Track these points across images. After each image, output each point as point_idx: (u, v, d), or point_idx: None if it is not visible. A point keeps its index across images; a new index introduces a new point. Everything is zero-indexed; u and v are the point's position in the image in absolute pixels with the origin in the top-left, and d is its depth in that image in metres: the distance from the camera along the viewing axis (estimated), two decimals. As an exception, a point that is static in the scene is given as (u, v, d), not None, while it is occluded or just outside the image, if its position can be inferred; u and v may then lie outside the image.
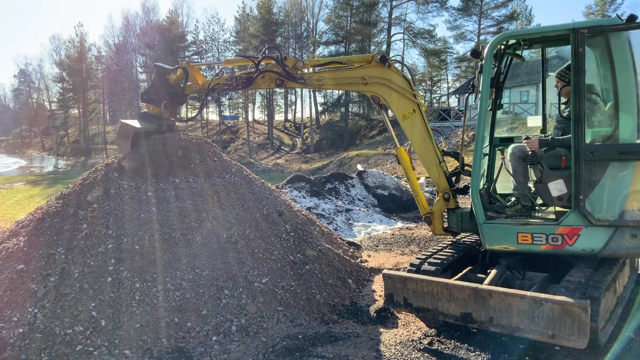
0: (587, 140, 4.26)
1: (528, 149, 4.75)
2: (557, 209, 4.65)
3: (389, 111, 5.65)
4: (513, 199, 5.02)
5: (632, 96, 4.29)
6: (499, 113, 5.69)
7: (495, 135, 5.77)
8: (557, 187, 4.55)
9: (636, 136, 4.34)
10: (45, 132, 79.71)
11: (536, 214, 4.89)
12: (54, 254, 4.99)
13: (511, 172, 4.94)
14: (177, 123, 6.92)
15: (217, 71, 6.46)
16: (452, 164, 5.60)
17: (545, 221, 4.60)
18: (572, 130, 4.25)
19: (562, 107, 4.87)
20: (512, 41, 5.12)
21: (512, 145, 5.06)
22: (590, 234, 4.31)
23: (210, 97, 6.69)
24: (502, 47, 5.05)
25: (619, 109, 4.32)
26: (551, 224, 4.48)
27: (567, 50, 4.41)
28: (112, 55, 67.25)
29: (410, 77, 5.49)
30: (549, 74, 5.49)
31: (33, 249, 5.08)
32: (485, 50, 4.75)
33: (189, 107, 55.82)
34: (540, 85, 5.94)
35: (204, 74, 7.33)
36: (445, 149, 5.56)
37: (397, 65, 5.54)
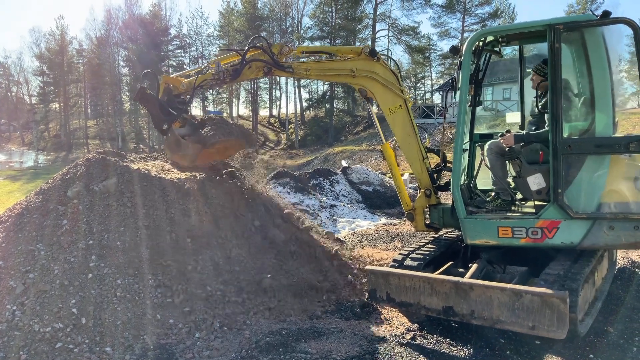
0: (565, 135, 4.34)
1: (505, 146, 4.82)
2: (537, 202, 4.72)
3: (375, 105, 5.66)
4: (493, 193, 5.08)
5: (607, 90, 4.38)
6: (481, 110, 5.75)
7: (476, 131, 5.83)
8: (535, 181, 4.63)
9: (612, 130, 4.43)
10: (25, 127, 77.97)
11: (516, 208, 4.96)
12: (33, 250, 4.90)
13: (490, 167, 5.00)
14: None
15: (202, 67, 6.32)
16: (434, 160, 5.65)
17: (524, 215, 4.68)
18: (550, 124, 4.32)
19: (539, 101, 4.94)
20: (490, 38, 5.18)
21: (489, 142, 5.12)
22: (569, 226, 4.39)
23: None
24: (481, 43, 5.10)
25: (594, 104, 4.41)
26: (531, 217, 4.55)
27: (545, 47, 4.48)
28: (93, 49, 66.02)
29: (398, 72, 5.50)
30: (528, 70, 5.56)
31: (11, 245, 4.98)
32: (464, 47, 4.80)
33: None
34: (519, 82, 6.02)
35: (187, 67, 7.20)
36: (429, 146, 5.60)
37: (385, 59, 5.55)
